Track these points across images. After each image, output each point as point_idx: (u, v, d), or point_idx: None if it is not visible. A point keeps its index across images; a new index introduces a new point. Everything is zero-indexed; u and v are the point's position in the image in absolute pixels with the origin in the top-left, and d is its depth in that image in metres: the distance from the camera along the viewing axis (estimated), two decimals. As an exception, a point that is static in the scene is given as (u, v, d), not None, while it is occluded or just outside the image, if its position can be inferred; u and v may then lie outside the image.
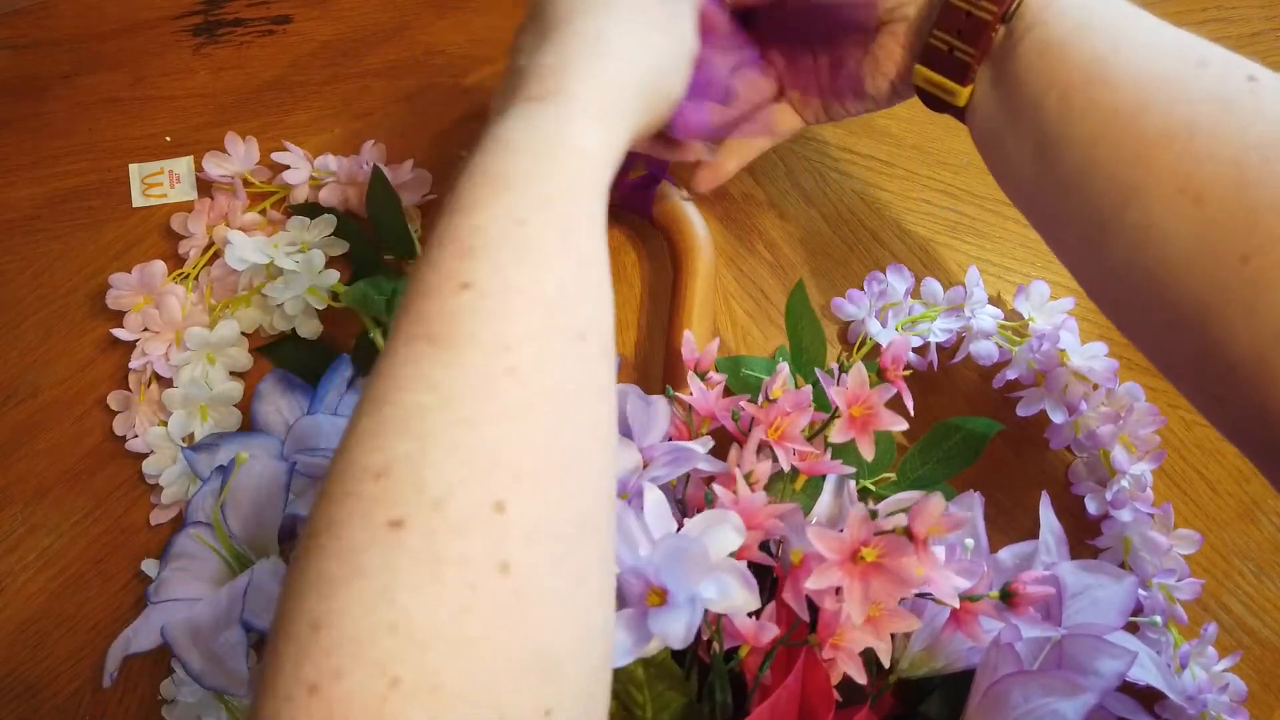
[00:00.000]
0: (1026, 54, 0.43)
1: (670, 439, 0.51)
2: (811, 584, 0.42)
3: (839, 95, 0.53)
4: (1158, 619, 0.52)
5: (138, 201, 0.66)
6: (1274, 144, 0.36)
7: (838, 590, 0.43)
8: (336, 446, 0.32)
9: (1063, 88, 0.41)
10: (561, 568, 0.31)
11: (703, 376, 0.53)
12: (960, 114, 0.49)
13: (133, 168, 0.67)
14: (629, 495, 0.46)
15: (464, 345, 0.32)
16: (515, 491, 0.30)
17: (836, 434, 0.50)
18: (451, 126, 0.68)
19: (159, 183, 0.67)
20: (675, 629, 0.40)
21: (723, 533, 0.43)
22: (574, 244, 0.36)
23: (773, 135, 0.57)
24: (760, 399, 0.51)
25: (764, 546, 0.47)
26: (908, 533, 0.41)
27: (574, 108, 0.38)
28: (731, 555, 0.43)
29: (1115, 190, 0.39)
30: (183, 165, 0.67)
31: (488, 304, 0.33)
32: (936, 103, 0.49)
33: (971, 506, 0.52)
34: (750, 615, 0.44)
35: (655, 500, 0.45)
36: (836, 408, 0.50)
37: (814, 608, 0.45)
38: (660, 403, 0.50)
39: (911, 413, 0.50)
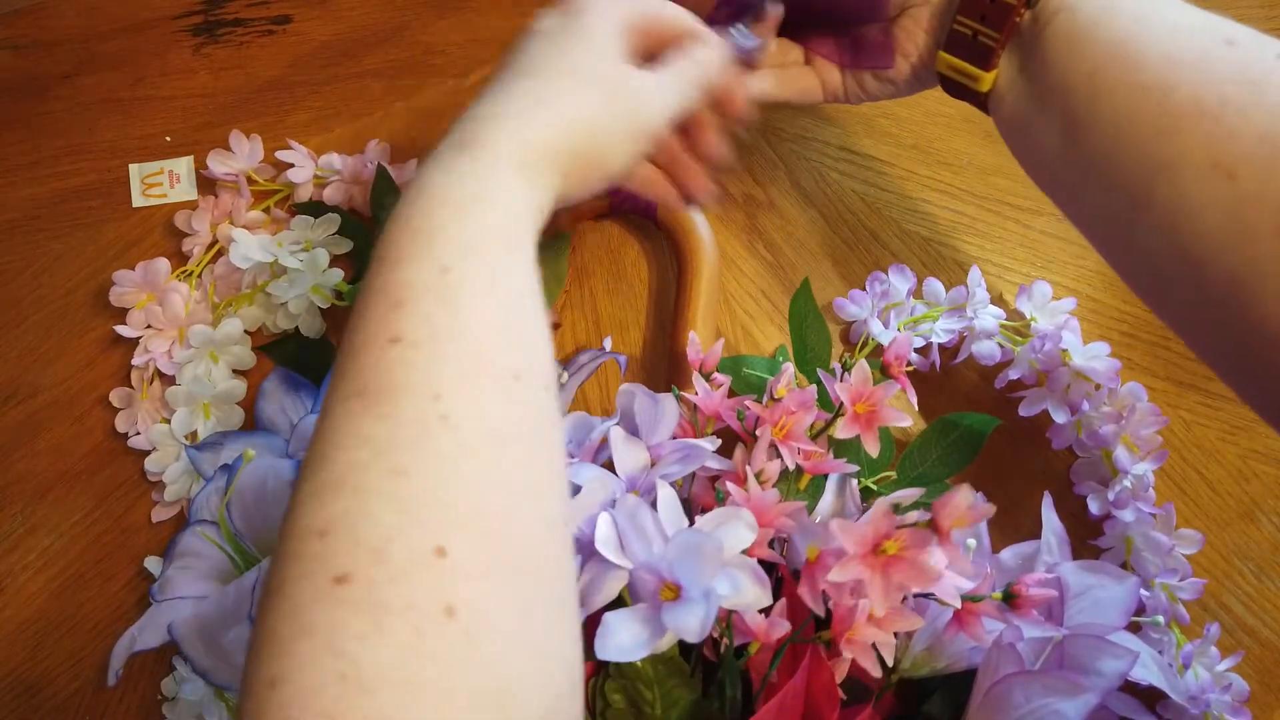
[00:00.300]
0: (1054, 37, 0.43)
1: (675, 439, 0.51)
2: (834, 576, 0.42)
3: (860, 76, 0.54)
4: (1160, 619, 0.52)
5: (138, 201, 0.66)
6: None
7: (854, 587, 0.43)
8: (287, 506, 0.33)
9: (1090, 68, 0.42)
10: (509, 604, 0.31)
11: (708, 378, 0.53)
12: (981, 100, 0.49)
13: (133, 168, 0.67)
14: (640, 492, 0.47)
15: (396, 397, 0.32)
16: (455, 535, 0.30)
17: (841, 430, 0.50)
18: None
19: (159, 183, 0.66)
20: (690, 623, 0.40)
21: (735, 530, 0.44)
22: (502, 287, 0.36)
23: (798, 98, 0.56)
24: (765, 398, 0.51)
25: (769, 545, 0.47)
26: (932, 525, 0.41)
27: (496, 161, 0.38)
28: (743, 552, 0.44)
29: (1145, 167, 0.40)
30: (183, 165, 0.67)
31: (416, 354, 0.33)
32: (958, 89, 0.49)
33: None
34: (760, 612, 0.44)
35: (668, 497, 0.45)
36: (840, 405, 0.50)
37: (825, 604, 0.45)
38: (668, 400, 0.51)
39: (916, 407, 0.50)
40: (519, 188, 0.38)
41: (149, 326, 0.62)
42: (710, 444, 0.49)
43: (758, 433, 0.50)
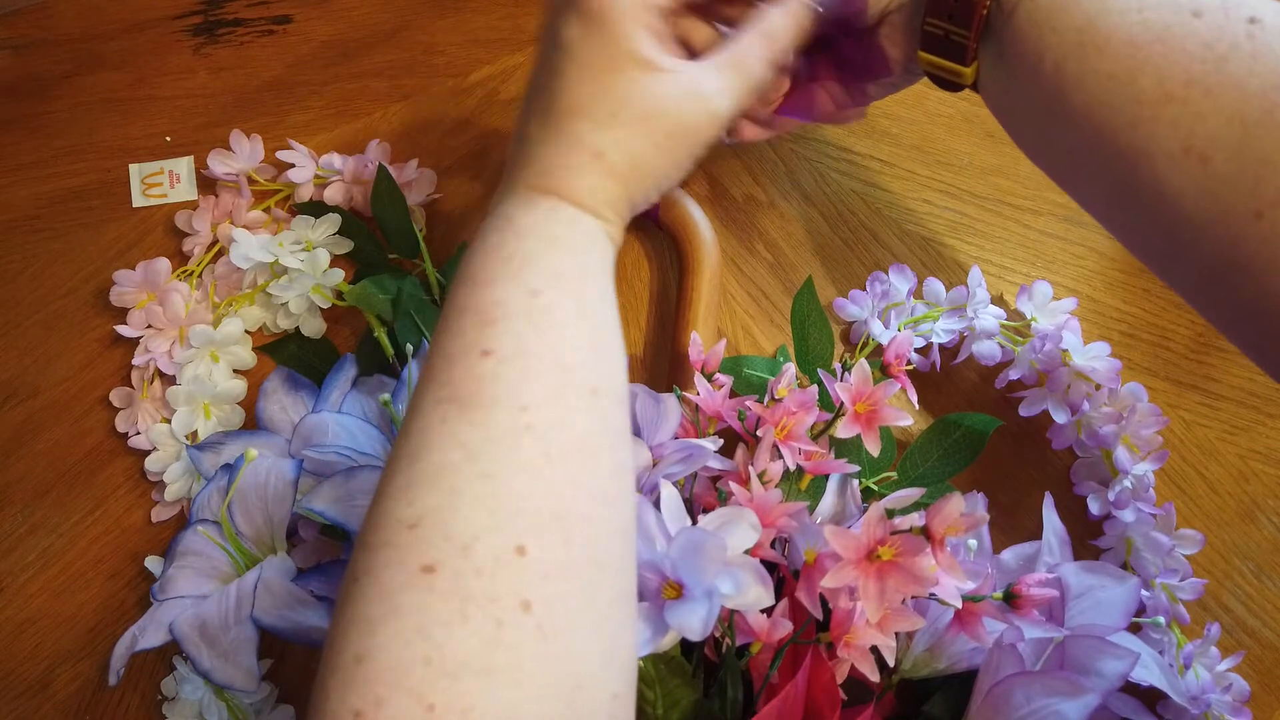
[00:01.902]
0: (1019, 26, 0.42)
1: (677, 439, 0.51)
2: (828, 582, 0.42)
3: (856, 84, 0.53)
4: (1160, 619, 0.52)
5: (138, 201, 0.66)
6: (1275, 90, 0.35)
7: (851, 591, 0.43)
8: (373, 499, 0.35)
9: (1055, 57, 0.40)
10: (580, 603, 0.34)
11: (709, 378, 0.53)
12: (971, 89, 0.48)
13: (133, 168, 0.67)
14: (642, 492, 0.47)
15: (487, 406, 0.35)
16: (535, 536, 0.33)
17: (842, 430, 0.50)
18: (452, 127, 0.68)
19: (159, 183, 0.66)
20: (693, 622, 0.40)
21: (739, 529, 0.44)
22: (585, 310, 0.39)
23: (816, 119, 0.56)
24: (766, 398, 0.51)
25: (771, 545, 0.47)
26: (924, 532, 0.41)
27: (579, 214, 0.42)
28: (746, 552, 0.44)
29: (1123, 156, 0.39)
30: (183, 165, 0.67)
31: (506, 369, 0.36)
32: (947, 84, 0.49)
33: (975, 507, 0.52)
34: (762, 612, 0.44)
35: (671, 496, 0.45)
36: (841, 405, 0.50)
37: (824, 606, 0.45)
38: (670, 400, 0.51)
39: (916, 405, 0.50)
40: (597, 230, 0.42)
41: (149, 326, 0.62)
42: (712, 444, 0.49)
43: (760, 432, 0.50)
